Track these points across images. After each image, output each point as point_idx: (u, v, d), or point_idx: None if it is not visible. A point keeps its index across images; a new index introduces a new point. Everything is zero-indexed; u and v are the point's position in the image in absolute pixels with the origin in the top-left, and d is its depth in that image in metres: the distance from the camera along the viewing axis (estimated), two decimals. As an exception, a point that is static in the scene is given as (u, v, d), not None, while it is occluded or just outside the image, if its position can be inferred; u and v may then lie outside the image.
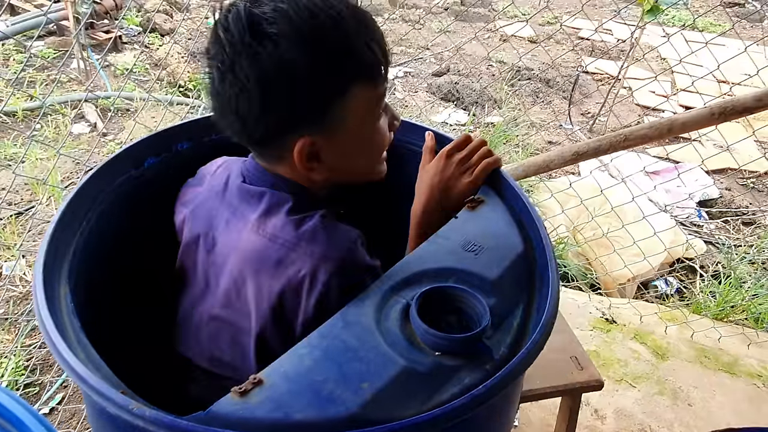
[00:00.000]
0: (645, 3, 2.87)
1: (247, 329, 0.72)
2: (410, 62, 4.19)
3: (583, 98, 3.78)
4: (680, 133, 1.56)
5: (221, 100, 0.67)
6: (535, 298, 0.64)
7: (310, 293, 0.66)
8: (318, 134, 0.68)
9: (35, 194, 2.50)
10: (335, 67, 0.65)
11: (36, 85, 3.38)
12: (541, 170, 1.61)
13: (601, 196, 2.22)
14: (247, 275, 0.70)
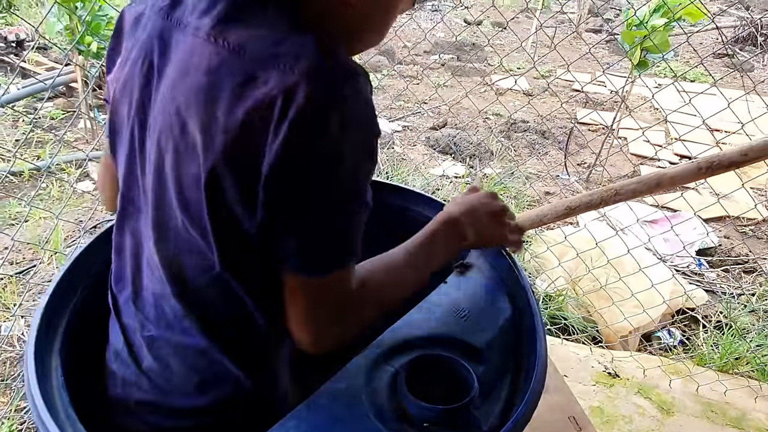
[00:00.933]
0: (633, 58, 2.96)
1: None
2: (408, 116, 4.29)
3: (579, 149, 3.84)
4: (669, 187, 1.58)
5: None
6: (523, 366, 0.64)
7: (280, 123, 0.50)
8: None
9: (36, 253, 2.53)
10: None
11: (44, 145, 3.47)
12: (534, 225, 1.62)
13: (601, 246, 2.23)
14: (192, 110, 0.54)
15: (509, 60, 5.65)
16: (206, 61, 0.53)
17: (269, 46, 0.51)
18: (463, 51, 5.94)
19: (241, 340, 0.64)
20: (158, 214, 0.62)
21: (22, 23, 5.16)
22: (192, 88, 0.53)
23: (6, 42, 4.69)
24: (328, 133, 0.50)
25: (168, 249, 0.62)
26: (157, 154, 0.59)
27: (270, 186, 0.52)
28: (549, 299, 2.27)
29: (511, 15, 7.08)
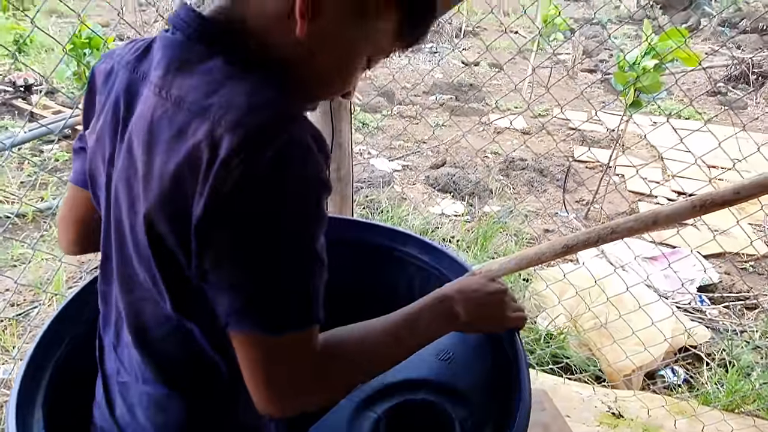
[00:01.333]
0: (627, 98, 3.03)
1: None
2: (408, 156, 4.35)
3: (577, 186, 3.88)
4: (665, 225, 1.59)
5: None
6: (506, 409, 0.64)
7: (205, 172, 0.49)
8: None
9: (37, 294, 2.53)
10: None
11: (48, 186, 3.51)
12: (533, 263, 1.63)
13: (601, 283, 2.23)
14: (138, 161, 0.54)
15: (506, 100, 5.77)
16: (150, 113, 0.54)
17: (203, 97, 0.51)
18: (461, 91, 6.07)
19: (204, 388, 0.63)
20: (120, 263, 0.62)
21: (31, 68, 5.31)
22: (138, 140, 0.54)
23: (15, 87, 4.81)
24: (254, 187, 0.48)
25: (130, 298, 0.62)
26: (116, 204, 0.60)
27: (199, 237, 0.51)
28: (550, 337, 2.26)
29: (507, 56, 7.26)
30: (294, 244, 0.51)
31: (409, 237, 0.96)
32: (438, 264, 0.93)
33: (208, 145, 0.48)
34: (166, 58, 0.56)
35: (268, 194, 0.48)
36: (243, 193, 0.48)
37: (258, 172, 0.48)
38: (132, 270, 0.60)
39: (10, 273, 2.67)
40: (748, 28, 9.03)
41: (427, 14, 0.61)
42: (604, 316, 2.19)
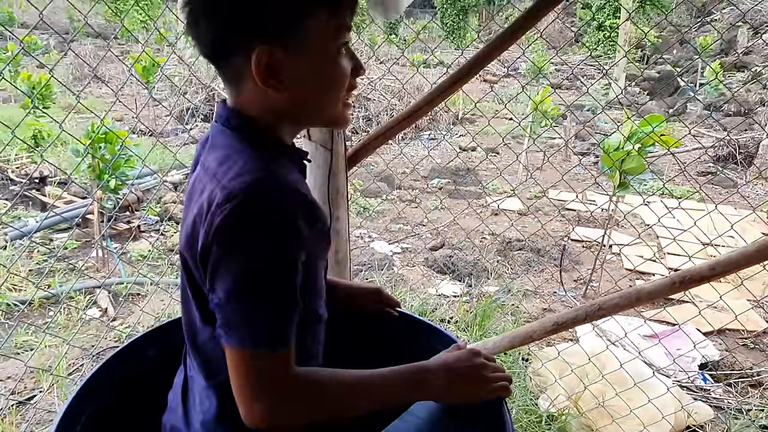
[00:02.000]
0: (614, 180, 3.16)
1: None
2: (407, 238, 4.45)
3: (574, 265, 3.94)
4: (648, 301, 1.65)
5: (191, 16, 0.71)
6: None
7: (205, 219, 0.67)
8: (274, 44, 0.69)
9: (38, 381, 2.54)
10: None
11: (55, 275, 3.59)
12: (525, 341, 1.68)
13: (601, 362, 2.24)
14: (185, 207, 0.76)
15: (502, 182, 5.96)
16: (195, 177, 0.76)
17: (217, 166, 0.70)
18: (459, 175, 6.28)
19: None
20: (180, 285, 0.81)
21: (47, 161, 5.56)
22: (187, 196, 0.77)
23: (30, 179, 5.03)
24: (230, 230, 0.65)
25: (185, 309, 0.81)
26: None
27: (202, 265, 0.69)
28: (552, 419, 2.23)
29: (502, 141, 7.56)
30: (260, 276, 0.66)
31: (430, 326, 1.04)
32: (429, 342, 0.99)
33: (209, 199, 0.67)
34: (210, 142, 0.78)
35: (239, 236, 0.65)
36: (223, 233, 0.65)
37: (233, 219, 0.64)
38: (183, 290, 0.79)
39: (12, 360, 2.69)
40: (731, 112, 9.44)
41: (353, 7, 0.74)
42: (606, 394, 2.18)
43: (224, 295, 0.66)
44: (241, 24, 0.68)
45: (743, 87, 10.57)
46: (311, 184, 1.71)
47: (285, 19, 0.69)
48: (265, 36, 0.68)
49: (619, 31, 14.55)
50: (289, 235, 0.66)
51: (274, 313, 0.67)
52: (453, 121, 9.03)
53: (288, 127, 0.79)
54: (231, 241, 0.65)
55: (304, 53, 0.71)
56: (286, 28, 0.69)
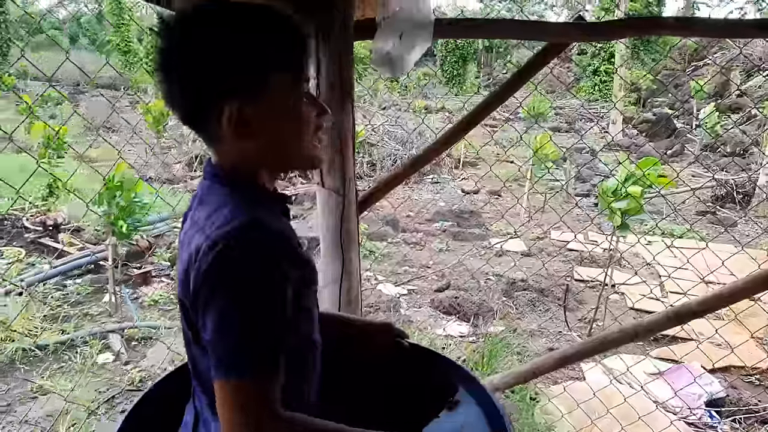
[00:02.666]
0: (614, 221, 3.27)
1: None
2: (413, 280, 4.53)
3: (578, 305, 4.00)
4: (646, 336, 1.73)
5: (165, 89, 0.79)
6: None
7: (193, 267, 0.74)
8: (241, 102, 0.76)
9: (55, 426, 2.59)
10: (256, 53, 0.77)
11: (69, 319, 3.67)
12: (530, 377, 1.75)
13: (607, 398, 2.29)
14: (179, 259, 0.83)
15: (505, 224, 6.06)
16: (184, 231, 0.84)
17: (203, 219, 0.78)
18: (463, 218, 6.40)
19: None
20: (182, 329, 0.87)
21: (57, 208, 5.71)
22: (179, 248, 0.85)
23: (45, 226, 5.16)
24: (214, 274, 0.72)
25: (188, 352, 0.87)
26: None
27: (194, 304, 0.76)
28: (560, 456, 2.26)
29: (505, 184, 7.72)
30: (243, 312, 0.72)
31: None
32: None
33: (196, 248, 0.74)
34: (198, 197, 0.85)
35: (223, 278, 0.72)
36: (209, 277, 0.72)
37: (218, 263, 0.72)
38: (185, 333, 0.85)
39: (29, 404, 2.74)
40: (727, 152, 9.62)
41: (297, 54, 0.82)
42: (613, 430, 2.22)
43: (212, 331, 0.73)
44: (209, 88, 0.77)
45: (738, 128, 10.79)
46: (324, 228, 1.82)
47: (248, 80, 0.77)
48: (232, 97, 0.77)
49: (614, 76, 14.97)
50: (271, 276, 0.73)
51: (258, 346, 0.73)
52: (455, 165, 9.23)
53: (267, 174, 0.86)
54: (216, 283, 0.72)
55: (269, 106, 0.79)
56: (250, 88, 0.77)
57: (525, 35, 1.71)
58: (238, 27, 0.77)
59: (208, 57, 0.75)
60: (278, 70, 0.79)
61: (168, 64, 0.78)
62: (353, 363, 1.01)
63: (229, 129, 0.77)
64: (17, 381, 2.98)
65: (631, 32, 1.77)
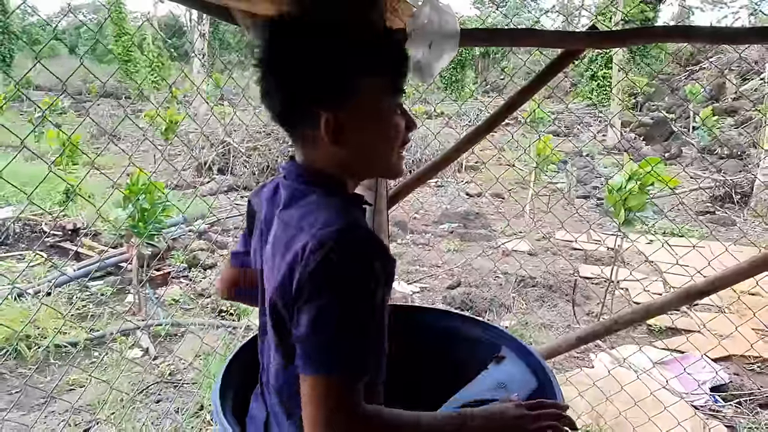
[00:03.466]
0: (618, 217, 3.43)
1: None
2: (425, 278, 4.68)
3: (585, 300, 4.15)
4: (657, 315, 1.87)
5: (263, 90, 0.84)
6: None
7: (300, 264, 0.75)
8: (338, 109, 0.80)
9: (95, 414, 2.72)
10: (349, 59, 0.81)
11: (95, 318, 3.81)
12: (552, 354, 1.90)
13: (617, 385, 2.44)
14: (267, 260, 0.84)
15: (511, 225, 6.22)
16: (276, 233, 0.85)
17: (299, 219, 0.81)
18: (468, 220, 6.56)
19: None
20: (262, 330, 0.93)
21: (77, 213, 5.85)
22: (273, 248, 0.85)
23: (64, 231, 5.30)
24: (325, 273, 0.74)
25: (266, 354, 0.93)
26: (262, 285, 0.91)
27: (294, 300, 0.77)
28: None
29: (508, 187, 7.88)
30: (343, 310, 0.74)
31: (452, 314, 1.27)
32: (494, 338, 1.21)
33: (302, 247, 0.76)
34: (284, 197, 0.88)
35: (330, 277, 0.74)
36: (316, 275, 0.74)
37: (324, 263, 0.74)
38: (266, 335, 0.91)
39: (66, 396, 2.88)
40: (724, 154, 9.81)
41: (398, 64, 0.86)
42: (627, 416, 2.36)
43: (305, 327, 0.74)
44: (307, 96, 0.81)
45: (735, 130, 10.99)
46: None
47: (344, 88, 0.81)
48: (329, 104, 0.80)
49: (612, 80, 15.18)
50: (370, 278, 0.75)
51: (351, 344, 0.74)
52: (458, 169, 9.39)
53: (351, 178, 0.89)
54: (322, 281, 0.74)
55: (364, 115, 0.82)
56: (347, 96, 0.81)
57: (544, 43, 1.86)
58: (333, 34, 0.80)
59: (304, 63, 0.79)
60: (373, 78, 0.82)
61: (267, 66, 0.82)
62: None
63: (325, 134, 0.80)
64: (53, 375, 3.11)
65: (641, 40, 1.93)
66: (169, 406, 2.78)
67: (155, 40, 22.68)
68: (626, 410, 2.34)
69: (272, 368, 0.89)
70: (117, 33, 22.05)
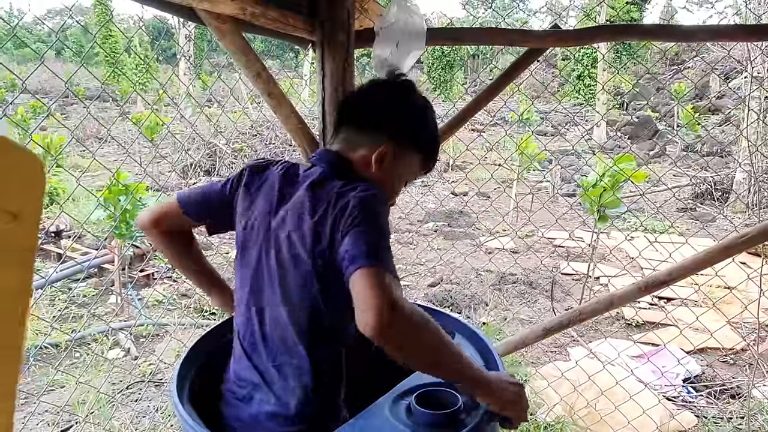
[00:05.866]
0: (595, 214, 3.48)
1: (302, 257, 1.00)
2: (407, 276, 4.71)
3: (564, 296, 4.20)
4: (620, 305, 1.92)
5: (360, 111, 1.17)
6: None
7: (347, 209, 0.96)
8: (394, 147, 1.11)
9: (74, 414, 2.73)
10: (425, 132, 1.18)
11: (77, 320, 3.81)
12: (519, 346, 1.94)
13: (594, 377, 2.49)
14: (306, 215, 1.01)
15: (495, 223, 6.28)
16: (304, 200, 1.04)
17: (342, 186, 1.01)
18: (453, 218, 6.60)
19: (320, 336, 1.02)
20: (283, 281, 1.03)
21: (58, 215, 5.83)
22: (304, 209, 1.03)
23: (47, 233, 5.29)
24: (370, 206, 0.97)
25: (288, 299, 1.03)
26: (276, 239, 1.05)
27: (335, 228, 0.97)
28: (548, 427, 2.45)
29: (493, 185, 7.94)
30: (384, 233, 0.96)
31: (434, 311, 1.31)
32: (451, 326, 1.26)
33: (351, 199, 0.98)
34: (317, 175, 1.08)
35: (373, 209, 0.98)
36: (363, 207, 0.96)
37: (369, 199, 0.98)
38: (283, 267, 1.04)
39: (46, 397, 2.89)
40: (704, 152, 9.94)
41: (435, 154, 1.22)
42: (597, 404, 2.41)
43: (355, 238, 0.91)
44: (387, 127, 1.12)
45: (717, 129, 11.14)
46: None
47: (413, 142, 1.15)
48: (398, 140, 1.12)
49: (598, 80, 15.32)
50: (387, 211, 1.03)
51: (388, 255, 0.92)
52: (444, 168, 9.44)
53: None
54: (368, 210, 0.95)
55: (401, 165, 1.15)
56: (407, 147, 1.14)
57: (509, 42, 1.91)
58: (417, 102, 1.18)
59: (397, 110, 1.15)
60: (422, 154, 1.18)
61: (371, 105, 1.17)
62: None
63: (376, 155, 1.10)
64: (33, 376, 3.12)
65: (605, 38, 1.97)
66: (148, 404, 2.80)
67: (142, 43, 22.60)
68: (593, 399, 2.39)
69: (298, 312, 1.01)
70: (104, 36, 21.94)
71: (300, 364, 1.00)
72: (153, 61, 22.40)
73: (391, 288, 0.86)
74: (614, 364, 3.15)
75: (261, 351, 1.06)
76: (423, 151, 1.18)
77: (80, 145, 9.26)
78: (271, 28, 1.65)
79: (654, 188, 7.63)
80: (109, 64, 21.62)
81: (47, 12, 42.24)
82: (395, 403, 0.93)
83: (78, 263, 4.53)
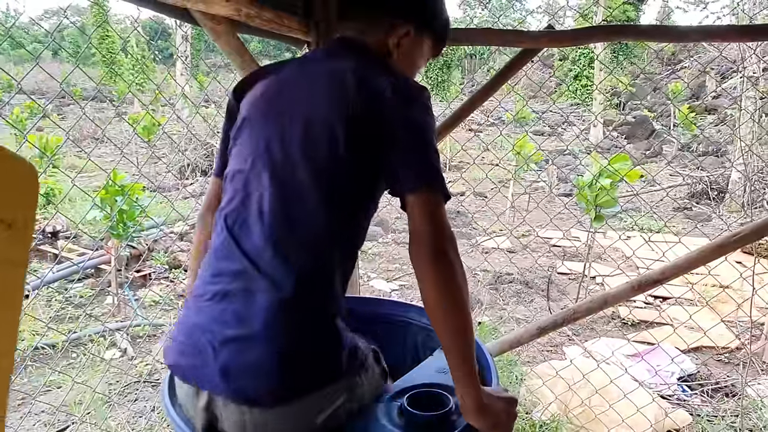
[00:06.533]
0: (591, 213, 3.50)
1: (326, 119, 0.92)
2: (405, 276, 4.72)
3: (561, 295, 4.22)
4: (614, 303, 1.93)
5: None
6: None
7: (386, 97, 0.91)
8: (412, 32, 1.08)
9: (70, 415, 2.73)
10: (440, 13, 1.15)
11: (74, 320, 3.81)
12: (514, 345, 1.95)
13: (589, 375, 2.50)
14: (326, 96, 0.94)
15: (491, 223, 6.29)
16: (327, 75, 0.98)
17: (371, 69, 0.97)
18: (450, 218, 6.60)
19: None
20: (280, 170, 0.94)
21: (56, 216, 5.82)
22: (321, 82, 0.97)
23: (43, 234, 5.28)
24: (404, 102, 0.92)
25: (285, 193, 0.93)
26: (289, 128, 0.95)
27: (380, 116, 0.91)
28: (544, 426, 2.46)
29: (490, 185, 7.96)
30: (429, 133, 0.94)
31: (409, 306, 1.31)
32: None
33: (387, 84, 0.93)
34: (323, 53, 1.08)
35: (411, 105, 0.93)
36: (398, 104, 0.92)
37: (404, 95, 0.93)
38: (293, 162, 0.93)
39: (43, 398, 2.89)
40: (702, 151, 9.97)
41: (447, 34, 1.19)
42: (593, 403, 2.42)
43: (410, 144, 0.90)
44: (405, 10, 1.09)
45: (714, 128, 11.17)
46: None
47: (428, 24, 1.11)
48: (411, 22, 1.08)
49: (595, 80, 15.36)
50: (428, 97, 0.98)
51: (439, 164, 0.93)
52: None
53: None
54: (411, 100, 0.92)
55: (419, 47, 1.11)
56: (423, 30, 1.11)
57: (503, 42, 1.92)
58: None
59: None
60: (435, 31, 1.14)
61: None
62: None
63: (394, 39, 1.07)
64: (30, 376, 3.12)
65: (599, 38, 1.99)
66: (145, 405, 2.80)
67: (139, 43, 22.57)
68: (588, 398, 2.40)
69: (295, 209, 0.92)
70: (101, 36, 21.89)
71: (318, 231, 0.91)
72: (149, 62, 22.36)
73: (443, 214, 0.88)
74: (609, 362, 3.17)
75: (255, 230, 0.92)
76: (437, 33, 1.15)
77: (77, 145, 9.24)
78: (266, 29, 1.66)
79: (650, 188, 7.66)
80: (106, 65, 21.58)
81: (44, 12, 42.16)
82: (387, 405, 0.94)
83: (74, 264, 4.52)
